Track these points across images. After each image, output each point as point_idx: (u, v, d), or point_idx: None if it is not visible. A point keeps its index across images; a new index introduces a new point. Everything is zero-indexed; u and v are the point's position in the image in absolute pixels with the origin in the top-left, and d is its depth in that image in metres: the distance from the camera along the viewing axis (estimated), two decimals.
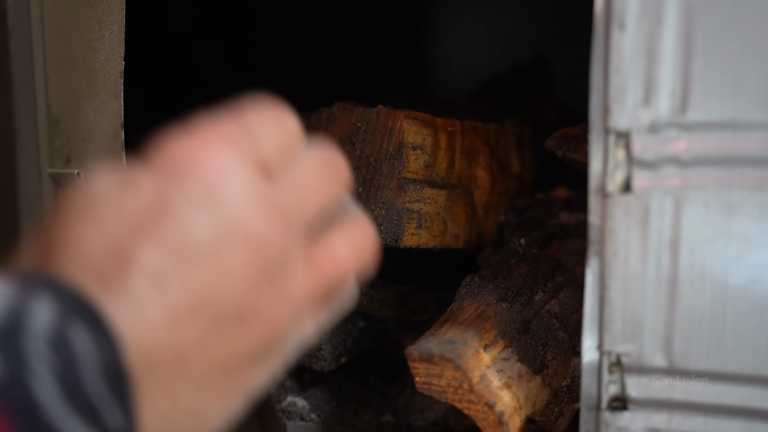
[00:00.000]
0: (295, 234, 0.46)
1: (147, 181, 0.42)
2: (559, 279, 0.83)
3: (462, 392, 0.69)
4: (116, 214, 0.41)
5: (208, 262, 0.42)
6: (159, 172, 0.43)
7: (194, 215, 0.42)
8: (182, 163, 0.43)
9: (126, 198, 0.41)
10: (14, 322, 0.35)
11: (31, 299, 0.36)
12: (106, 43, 0.82)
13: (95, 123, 0.84)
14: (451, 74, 1.87)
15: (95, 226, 0.40)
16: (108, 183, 0.42)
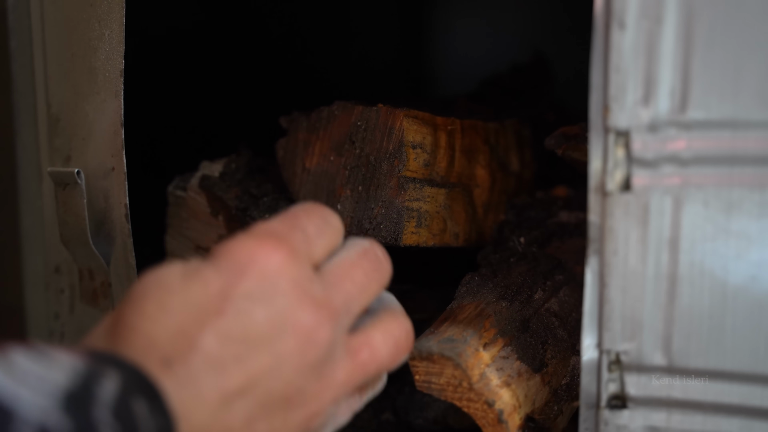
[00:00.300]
0: (341, 327, 0.51)
1: (212, 274, 0.48)
2: (559, 278, 0.83)
3: (461, 390, 0.69)
4: (183, 303, 0.47)
5: (262, 351, 0.47)
6: (223, 267, 0.48)
7: (252, 308, 0.47)
8: (243, 260, 0.48)
9: (193, 289, 0.47)
10: (86, 391, 0.40)
11: (101, 373, 0.41)
12: (106, 41, 0.82)
13: (95, 122, 0.84)
14: (451, 73, 1.88)
15: (163, 313, 0.46)
16: (177, 273, 0.48)
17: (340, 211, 0.86)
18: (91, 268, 0.87)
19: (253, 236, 0.50)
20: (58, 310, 0.98)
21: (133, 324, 0.46)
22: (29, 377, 0.39)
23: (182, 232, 0.98)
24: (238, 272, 0.48)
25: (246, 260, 0.48)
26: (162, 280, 0.48)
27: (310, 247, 0.52)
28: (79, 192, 0.83)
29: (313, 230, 0.53)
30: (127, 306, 0.47)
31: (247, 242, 0.49)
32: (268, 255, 0.49)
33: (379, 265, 0.55)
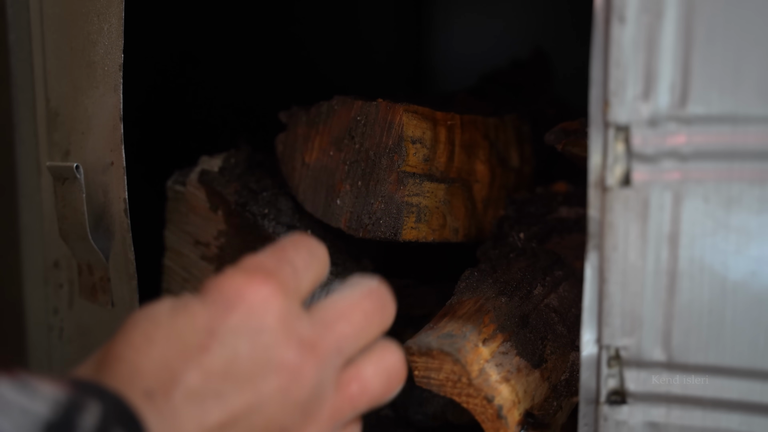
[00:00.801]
0: (330, 367, 0.51)
1: (199, 308, 0.48)
2: (558, 273, 0.83)
3: (461, 386, 0.69)
4: (168, 336, 0.47)
5: (245, 388, 0.47)
6: (210, 302, 0.49)
7: (237, 344, 0.48)
8: (231, 295, 0.49)
9: (179, 322, 0.48)
10: (67, 422, 0.40)
11: (82, 404, 0.41)
12: (105, 36, 0.81)
13: (94, 116, 0.84)
14: (451, 69, 1.87)
15: (149, 344, 0.47)
16: (167, 307, 0.49)
17: (339, 206, 0.86)
18: (90, 263, 0.87)
19: (241, 271, 0.50)
20: (57, 305, 0.98)
21: (119, 353, 0.47)
22: (12, 409, 0.39)
23: (181, 226, 0.98)
24: (225, 307, 0.48)
25: (234, 295, 0.49)
26: (151, 313, 0.49)
27: (299, 282, 0.52)
28: (78, 186, 0.83)
29: (301, 264, 0.53)
30: (117, 337, 0.48)
31: (235, 277, 0.49)
32: (257, 290, 0.49)
33: (383, 306, 0.55)
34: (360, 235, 0.84)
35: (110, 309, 0.87)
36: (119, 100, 0.80)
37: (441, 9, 1.89)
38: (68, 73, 0.88)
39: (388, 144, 0.82)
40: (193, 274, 0.98)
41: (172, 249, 1.00)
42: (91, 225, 0.84)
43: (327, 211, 0.88)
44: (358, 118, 0.84)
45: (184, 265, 0.99)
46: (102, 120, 0.83)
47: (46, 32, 0.90)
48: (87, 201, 0.83)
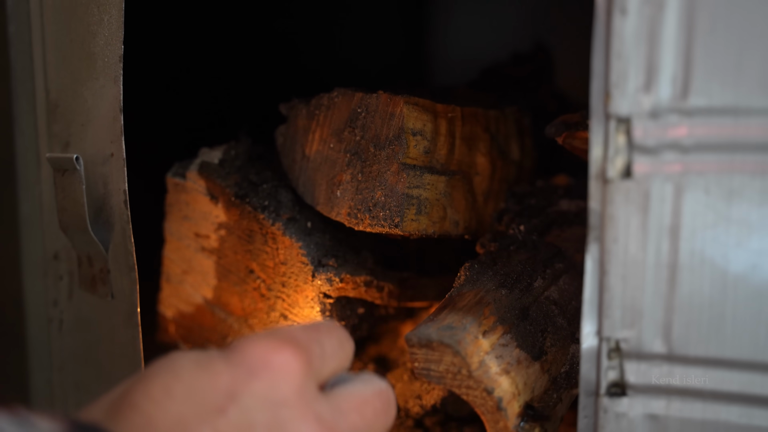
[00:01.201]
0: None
1: (223, 368, 0.48)
2: (559, 266, 0.83)
3: (460, 378, 0.69)
4: (188, 392, 0.47)
5: None
6: (236, 363, 0.49)
7: (255, 413, 0.48)
8: (258, 361, 0.49)
9: (201, 379, 0.48)
10: None
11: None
12: (105, 27, 0.81)
13: (94, 107, 0.84)
14: (452, 62, 1.87)
15: (167, 398, 0.46)
16: (191, 360, 0.49)
17: (339, 198, 0.86)
18: (90, 255, 0.87)
19: (272, 338, 0.50)
20: (56, 297, 0.98)
21: (136, 403, 0.46)
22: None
23: (181, 218, 0.98)
24: (249, 372, 0.48)
25: (260, 361, 0.49)
26: (174, 364, 0.48)
27: (323, 366, 0.53)
28: (77, 178, 0.83)
29: (329, 350, 0.53)
30: (136, 384, 0.47)
31: (265, 343, 0.50)
32: (284, 360, 0.49)
33: (389, 408, 0.55)
34: (360, 228, 0.84)
35: (110, 300, 0.87)
36: (119, 91, 0.80)
37: (442, 2, 1.89)
38: (68, 65, 0.87)
39: (388, 136, 0.82)
40: (193, 266, 0.98)
41: (171, 241, 1.00)
42: (90, 216, 0.84)
43: (327, 203, 0.88)
44: (358, 109, 0.84)
45: (183, 256, 0.99)
46: (102, 111, 0.83)
47: (46, 23, 0.90)
48: (87, 192, 0.83)
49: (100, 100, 0.83)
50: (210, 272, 0.97)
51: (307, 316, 0.91)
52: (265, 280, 0.93)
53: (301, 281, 0.90)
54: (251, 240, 0.93)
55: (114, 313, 0.87)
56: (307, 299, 0.90)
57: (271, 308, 0.94)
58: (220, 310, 0.98)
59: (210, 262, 0.97)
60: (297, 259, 0.90)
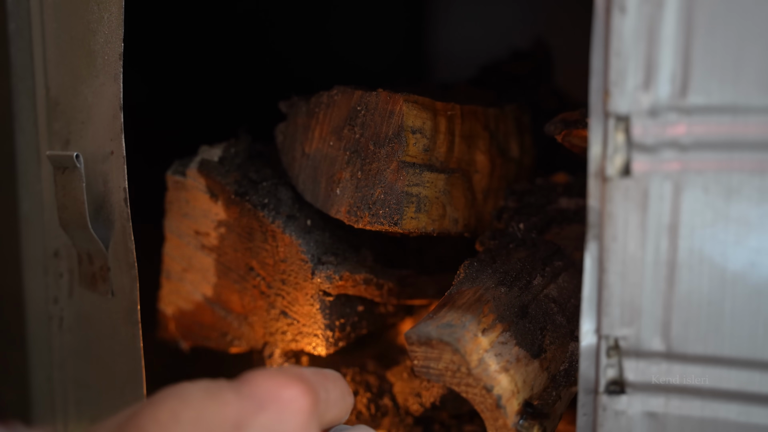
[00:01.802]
0: None
1: (232, 398, 0.50)
2: (558, 264, 0.83)
3: (460, 376, 0.69)
4: (195, 419, 0.48)
5: None
6: (245, 395, 0.50)
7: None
8: (267, 394, 0.51)
9: (209, 407, 0.49)
10: None
11: None
12: (105, 24, 0.81)
13: (94, 105, 0.84)
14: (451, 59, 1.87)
15: (174, 424, 0.47)
16: (200, 388, 0.50)
17: (339, 195, 0.86)
18: (90, 252, 0.87)
19: (282, 373, 0.52)
20: (57, 294, 0.98)
21: (142, 426, 0.47)
22: None
23: (181, 216, 0.98)
24: (258, 404, 0.50)
25: (269, 395, 0.51)
26: (183, 392, 0.50)
27: (327, 410, 0.55)
28: (78, 176, 0.83)
29: (333, 397, 0.56)
30: (144, 409, 0.49)
31: (276, 378, 0.52)
32: (293, 395, 0.51)
33: None
34: (360, 225, 0.85)
35: (110, 298, 0.87)
36: (119, 89, 0.80)
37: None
38: (68, 63, 0.87)
39: (388, 134, 0.82)
40: (193, 263, 0.98)
41: (171, 238, 1.00)
42: (91, 214, 0.84)
43: (327, 200, 0.88)
44: (358, 107, 0.84)
45: (183, 254, 0.99)
46: (102, 109, 0.83)
47: (46, 21, 0.90)
48: (87, 190, 0.83)
49: (100, 97, 0.83)
50: (210, 270, 0.97)
51: (306, 313, 0.91)
52: (264, 277, 0.93)
53: (301, 279, 0.90)
54: (251, 238, 0.93)
55: (114, 311, 0.87)
56: (306, 297, 0.90)
57: (271, 305, 0.94)
58: (219, 307, 0.98)
59: (210, 260, 0.97)
60: (297, 257, 0.90)
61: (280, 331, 0.94)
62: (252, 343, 0.97)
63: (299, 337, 0.93)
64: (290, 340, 0.93)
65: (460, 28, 1.86)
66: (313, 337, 0.92)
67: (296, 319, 0.92)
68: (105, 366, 0.92)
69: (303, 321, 0.92)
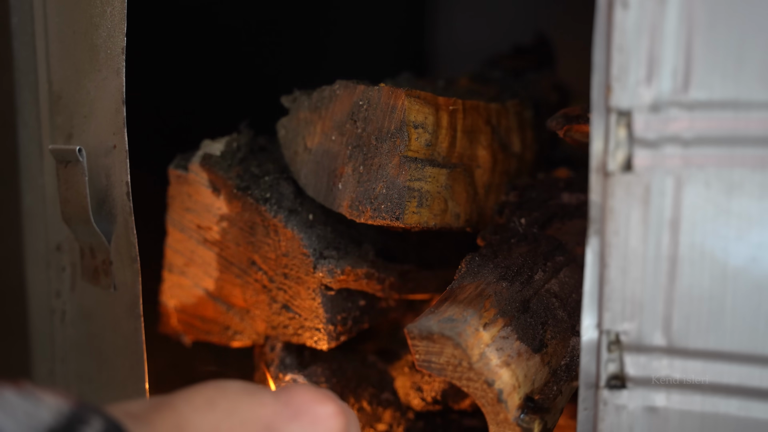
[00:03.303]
0: None
1: (269, 401, 0.53)
2: (559, 259, 0.83)
3: (461, 370, 0.69)
4: (230, 411, 0.51)
5: None
6: (281, 402, 0.53)
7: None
8: (302, 405, 0.54)
9: (245, 401, 0.52)
10: (70, 430, 0.43)
11: (85, 419, 0.43)
12: (107, 19, 0.81)
13: (97, 99, 0.84)
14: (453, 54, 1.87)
15: (209, 410, 0.50)
16: (240, 385, 0.53)
17: (341, 190, 0.86)
18: (93, 246, 0.87)
19: (322, 393, 0.56)
20: (59, 288, 0.98)
21: (176, 405, 0.50)
22: (17, 411, 0.42)
23: (183, 210, 0.98)
24: (293, 412, 0.53)
25: (305, 407, 0.54)
26: (222, 384, 0.53)
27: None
28: (80, 170, 0.83)
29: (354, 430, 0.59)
30: (182, 393, 0.51)
31: (313, 392, 0.55)
32: (328, 414, 0.54)
33: None
34: (361, 220, 0.85)
35: (112, 292, 0.87)
36: (122, 83, 0.80)
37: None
38: (71, 57, 0.88)
39: (390, 129, 0.82)
40: (195, 257, 0.98)
41: (173, 232, 1.00)
42: (93, 208, 0.84)
43: (329, 195, 0.88)
44: (360, 102, 0.84)
45: (185, 248, 0.99)
46: (104, 103, 0.83)
47: (49, 15, 0.90)
48: (89, 184, 0.83)
49: (102, 92, 0.83)
50: (212, 264, 0.98)
51: (308, 307, 0.91)
52: (266, 271, 0.94)
53: (303, 273, 0.91)
54: (253, 232, 0.93)
55: (116, 305, 0.87)
56: (308, 291, 0.91)
57: (273, 300, 0.94)
58: (221, 301, 0.98)
59: (212, 254, 0.97)
60: (299, 251, 0.90)
61: (281, 325, 0.94)
62: (254, 337, 0.98)
63: (301, 331, 0.93)
64: (292, 334, 0.94)
65: (462, 22, 1.86)
66: (314, 331, 0.92)
67: (298, 313, 0.92)
68: (107, 360, 0.92)
69: (305, 315, 0.92)
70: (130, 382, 0.87)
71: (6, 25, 0.95)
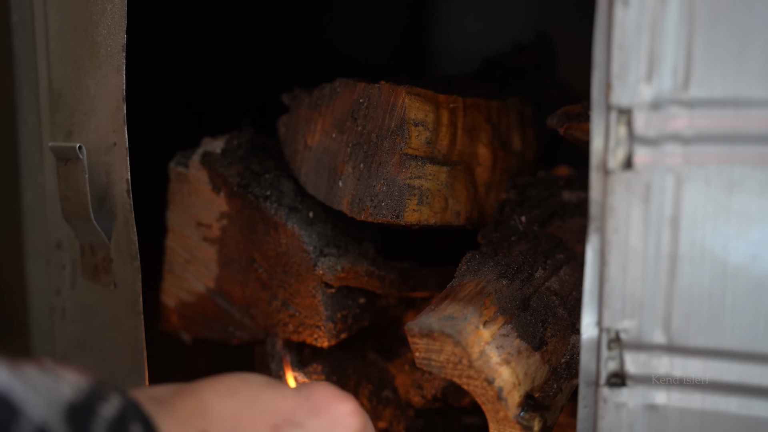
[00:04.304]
0: None
1: (290, 396, 0.54)
2: (560, 256, 0.83)
3: (461, 368, 0.69)
4: (251, 400, 0.52)
5: None
6: (302, 397, 0.55)
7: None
8: (322, 402, 0.55)
9: (266, 395, 0.53)
10: (88, 406, 0.44)
11: (105, 395, 0.45)
12: (108, 16, 0.81)
13: (97, 97, 0.84)
14: (454, 52, 1.87)
15: (231, 397, 0.51)
16: (263, 378, 0.54)
17: (341, 188, 0.86)
18: (93, 244, 0.87)
19: (345, 393, 0.57)
20: (59, 286, 0.98)
21: (198, 391, 0.51)
22: (39, 385, 0.43)
23: (183, 208, 0.98)
24: (313, 407, 0.54)
25: (326, 404, 0.55)
26: (245, 375, 0.54)
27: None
28: (80, 167, 0.83)
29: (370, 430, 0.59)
30: (206, 380, 0.53)
31: (335, 391, 0.56)
32: (347, 413, 0.55)
33: None
34: (362, 218, 0.85)
35: (112, 289, 0.87)
36: (122, 80, 0.80)
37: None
38: (71, 54, 0.87)
39: (390, 126, 0.82)
40: (195, 255, 0.98)
41: (174, 230, 1.00)
42: (93, 206, 0.84)
43: (329, 193, 0.88)
44: (360, 100, 0.84)
45: (186, 246, 0.99)
46: (105, 101, 0.83)
47: (49, 12, 0.90)
48: (90, 182, 0.83)
49: (102, 89, 0.83)
50: (212, 262, 0.98)
51: (308, 305, 0.91)
52: (267, 269, 0.94)
53: (303, 271, 0.91)
54: (253, 230, 0.93)
55: (117, 302, 0.87)
56: (308, 289, 0.91)
57: (273, 297, 0.94)
58: (222, 299, 0.98)
59: (212, 252, 0.97)
60: (299, 249, 0.90)
61: (281, 323, 0.94)
62: (254, 334, 0.98)
63: (301, 329, 0.93)
64: (292, 332, 0.94)
65: (463, 21, 1.86)
66: (314, 328, 0.92)
67: (298, 311, 0.92)
68: (107, 357, 0.92)
69: (305, 313, 0.92)
70: (130, 380, 0.87)
71: (6, 22, 0.95)
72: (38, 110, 0.94)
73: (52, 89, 0.91)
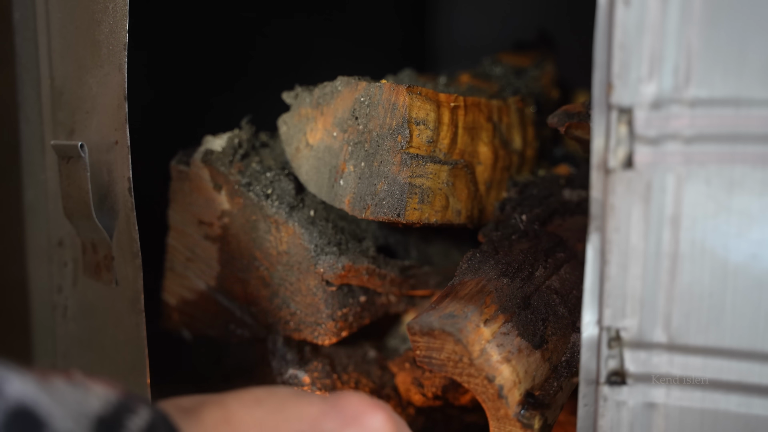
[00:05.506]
0: None
1: (319, 404, 0.54)
2: (560, 255, 0.83)
3: (462, 366, 0.70)
4: (277, 409, 0.52)
5: None
6: (332, 406, 0.54)
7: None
8: (353, 413, 0.55)
9: (292, 401, 0.53)
10: (117, 420, 0.44)
11: (133, 408, 0.45)
12: (110, 15, 0.81)
13: (99, 95, 0.84)
14: (455, 50, 1.87)
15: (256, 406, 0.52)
16: (291, 390, 0.55)
17: (342, 187, 0.86)
18: (95, 242, 0.88)
19: (373, 401, 0.56)
20: (61, 284, 0.98)
21: (225, 402, 0.52)
22: (67, 399, 0.43)
23: (185, 206, 0.98)
24: (343, 418, 0.54)
25: (356, 414, 0.55)
26: (273, 387, 0.54)
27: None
28: (82, 165, 0.83)
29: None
30: (232, 392, 0.53)
31: (366, 400, 0.56)
32: (378, 424, 0.55)
33: None
34: (363, 216, 0.85)
35: (114, 287, 0.87)
36: (124, 79, 0.80)
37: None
38: (73, 52, 0.88)
39: (391, 125, 0.82)
40: (197, 253, 0.99)
41: (175, 228, 1.00)
42: (95, 204, 0.84)
43: (330, 191, 0.88)
44: (362, 99, 0.85)
45: (187, 244, 0.99)
46: (106, 99, 0.83)
47: (51, 11, 0.90)
48: (91, 180, 0.84)
49: (104, 87, 0.83)
50: (213, 260, 0.98)
51: (309, 303, 0.91)
52: (268, 267, 0.94)
53: (304, 269, 0.91)
54: (254, 228, 0.93)
55: (118, 300, 0.88)
56: (309, 287, 0.91)
57: (274, 295, 0.94)
58: (223, 297, 0.98)
59: (213, 250, 0.97)
60: (300, 247, 0.90)
61: (282, 321, 0.94)
62: (255, 332, 0.98)
63: (302, 327, 0.93)
64: (293, 330, 0.94)
65: (464, 19, 1.86)
66: (315, 326, 0.92)
67: (299, 309, 0.93)
68: (109, 355, 0.93)
69: (305, 311, 0.92)
70: (131, 378, 0.87)
71: (8, 20, 0.95)
72: (40, 108, 0.94)
73: (54, 87, 0.91)
